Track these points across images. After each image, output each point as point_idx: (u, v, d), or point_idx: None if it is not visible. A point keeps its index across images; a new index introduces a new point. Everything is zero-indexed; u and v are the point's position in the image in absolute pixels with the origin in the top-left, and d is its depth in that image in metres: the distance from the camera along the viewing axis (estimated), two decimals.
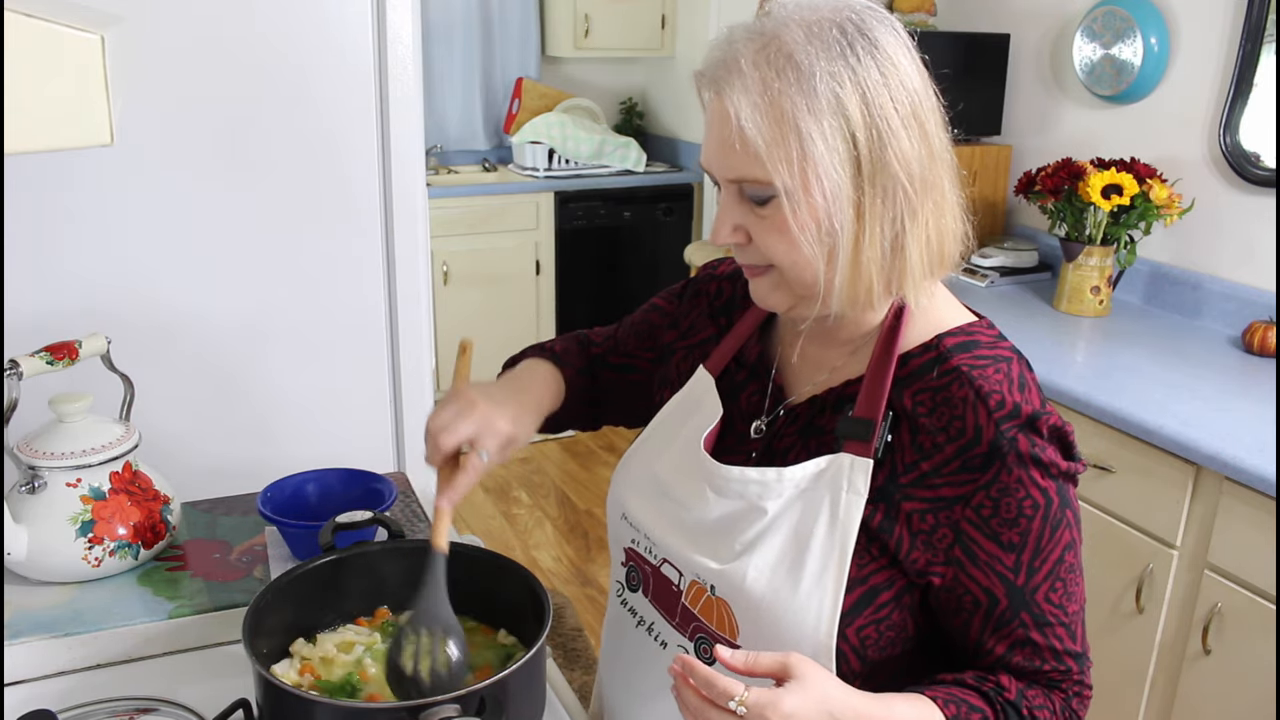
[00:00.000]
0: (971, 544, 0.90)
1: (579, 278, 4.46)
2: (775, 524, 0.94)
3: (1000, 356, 0.93)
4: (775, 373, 1.03)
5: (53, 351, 1.22)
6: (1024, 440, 0.88)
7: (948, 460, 0.89)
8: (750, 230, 0.89)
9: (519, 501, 3.79)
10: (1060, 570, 0.91)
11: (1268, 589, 1.73)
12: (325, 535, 1.08)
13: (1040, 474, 0.88)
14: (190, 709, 1.05)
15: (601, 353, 1.22)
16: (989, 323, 0.98)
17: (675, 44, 4.65)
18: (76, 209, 1.48)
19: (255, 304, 1.61)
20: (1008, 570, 0.90)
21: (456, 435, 0.98)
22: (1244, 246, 2.42)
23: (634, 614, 1.08)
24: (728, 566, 0.95)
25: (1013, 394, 0.89)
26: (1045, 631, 0.91)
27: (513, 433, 1.02)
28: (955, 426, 0.89)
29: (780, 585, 0.92)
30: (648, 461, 1.07)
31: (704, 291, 1.15)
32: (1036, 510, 0.89)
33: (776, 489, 0.94)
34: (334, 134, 1.59)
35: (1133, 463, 1.95)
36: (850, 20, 0.85)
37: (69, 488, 1.20)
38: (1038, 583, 0.90)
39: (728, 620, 0.96)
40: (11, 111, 0.80)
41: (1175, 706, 1.93)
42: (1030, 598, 0.90)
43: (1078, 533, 0.93)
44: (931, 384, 0.91)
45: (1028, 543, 0.89)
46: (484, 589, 1.07)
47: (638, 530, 1.05)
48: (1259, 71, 2.34)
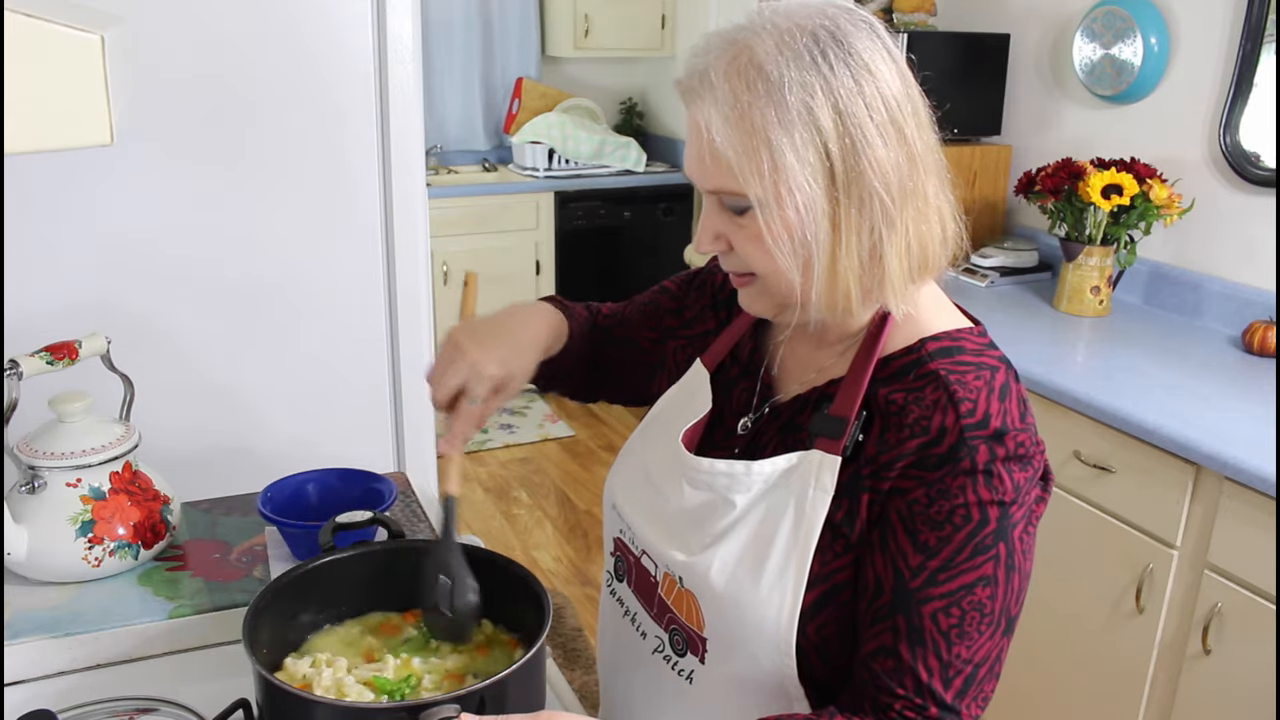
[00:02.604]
0: (889, 531, 0.87)
1: (579, 278, 4.46)
2: (743, 518, 0.94)
3: (985, 364, 0.90)
4: (765, 371, 1.03)
5: (53, 351, 1.22)
6: (984, 451, 0.84)
7: (905, 455, 0.87)
8: (730, 239, 0.90)
9: (519, 501, 3.78)
10: (964, 600, 0.85)
11: (1268, 589, 1.73)
12: (325, 535, 1.08)
13: (987, 491, 0.84)
14: (190, 709, 1.05)
15: (608, 325, 1.23)
16: (981, 330, 0.95)
17: (675, 44, 4.66)
18: (76, 209, 1.48)
19: (255, 304, 1.61)
20: (906, 568, 0.86)
21: (446, 387, 1.02)
22: (1244, 246, 2.42)
23: (621, 604, 1.10)
24: (694, 559, 0.96)
25: (989, 402, 0.86)
26: (916, 652, 0.85)
27: (502, 375, 1.03)
28: (921, 425, 0.86)
29: (743, 579, 0.92)
30: (640, 452, 1.09)
31: (709, 283, 1.16)
32: (966, 524, 0.85)
33: (745, 482, 0.94)
34: (334, 134, 1.59)
35: (1133, 463, 1.95)
36: (824, 28, 0.83)
37: (69, 488, 1.20)
38: (931, 595, 0.85)
39: (695, 613, 0.97)
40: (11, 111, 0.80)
41: (1175, 706, 1.93)
42: (915, 606, 0.85)
43: (1006, 580, 0.86)
44: (908, 385, 0.89)
45: (941, 551, 0.85)
46: (484, 589, 1.07)
47: (624, 520, 1.07)
48: (1259, 71, 2.34)
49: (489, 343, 1.04)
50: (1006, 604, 0.87)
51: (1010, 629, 0.88)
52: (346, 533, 1.10)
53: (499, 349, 1.04)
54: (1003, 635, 0.88)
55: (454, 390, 1.02)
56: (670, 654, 1.02)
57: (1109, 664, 2.05)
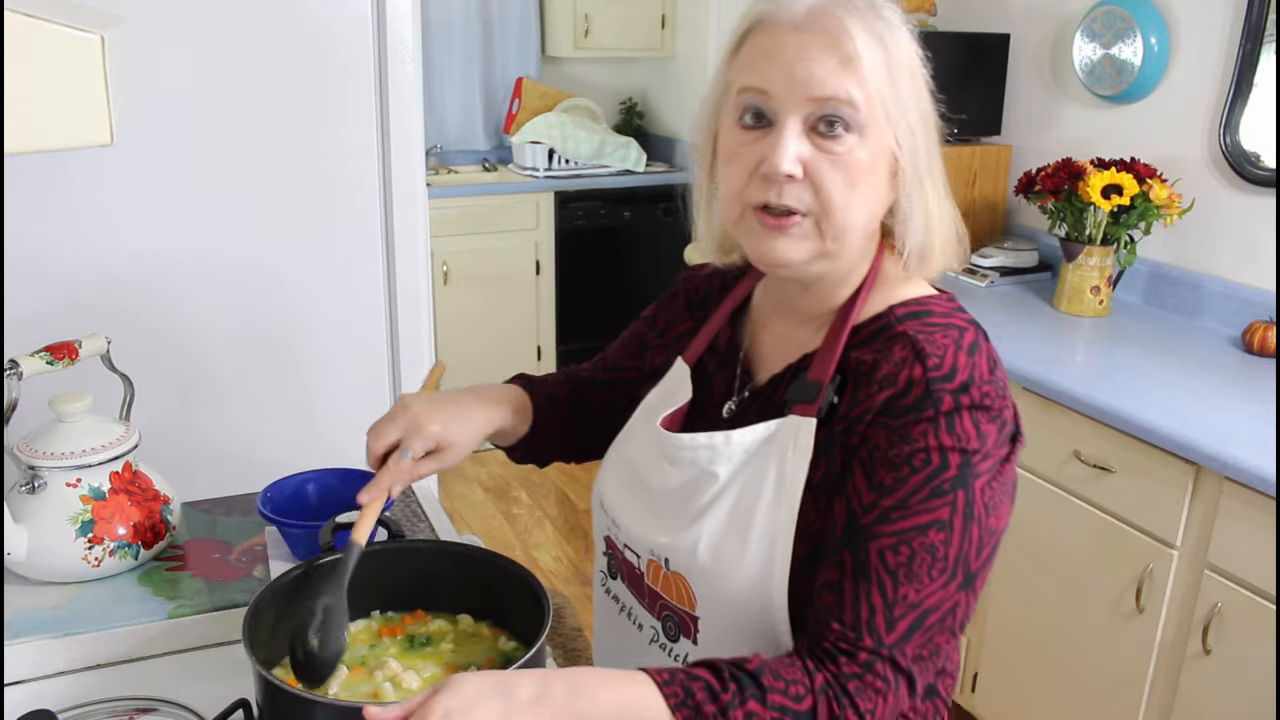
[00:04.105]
0: (849, 476, 0.89)
1: (579, 278, 4.46)
2: (725, 489, 0.95)
3: (953, 325, 0.92)
4: (744, 357, 1.05)
5: (53, 351, 1.22)
6: (949, 400, 0.86)
7: (874, 408, 0.89)
8: (810, 165, 0.88)
9: (519, 501, 3.78)
10: (914, 540, 0.84)
11: (1268, 589, 1.73)
12: (325, 535, 1.08)
13: (949, 438, 0.86)
14: (190, 709, 1.05)
15: (590, 375, 1.23)
16: (949, 296, 0.98)
17: (675, 44, 4.65)
18: (76, 209, 1.48)
19: (255, 303, 1.61)
20: (860, 506, 0.87)
21: (383, 438, 1.01)
22: (1244, 246, 2.42)
23: (616, 600, 1.11)
24: (678, 537, 0.97)
25: (956, 357, 0.88)
26: (860, 587, 0.84)
27: (443, 434, 1.02)
28: (890, 379, 0.89)
29: (729, 550, 0.93)
30: (624, 448, 1.10)
31: (680, 291, 1.18)
32: (925, 467, 0.85)
33: (726, 453, 0.96)
34: (334, 134, 1.59)
35: (1133, 463, 1.95)
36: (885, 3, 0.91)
37: (69, 488, 1.20)
38: (881, 532, 0.85)
39: (685, 593, 0.98)
40: (11, 111, 0.80)
41: (1175, 706, 1.93)
42: (864, 542, 0.85)
43: (964, 529, 0.85)
44: (877, 347, 0.92)
45: (897, 491, 0.85)
46: (484, 589, 1.07)
47: (609, 517, 1.08)
48: (1259, 71, 2.34)
49: (437, 405, 1.04)
50: (964, 554, 0.86)
51: (970, 584, 0.87)
52: (346, 533, 1.10)
53: (447, 410, 1.04)
54: (960, 588, 0.86)
55: (391, 442, 1.01)
56: (665, 641, 1.04)
57: (1109, 664, 2.05)
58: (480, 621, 1.09)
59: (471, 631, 1.08)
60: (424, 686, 0.98)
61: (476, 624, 1.09)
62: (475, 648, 1.05)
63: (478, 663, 1.03)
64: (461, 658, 1.04)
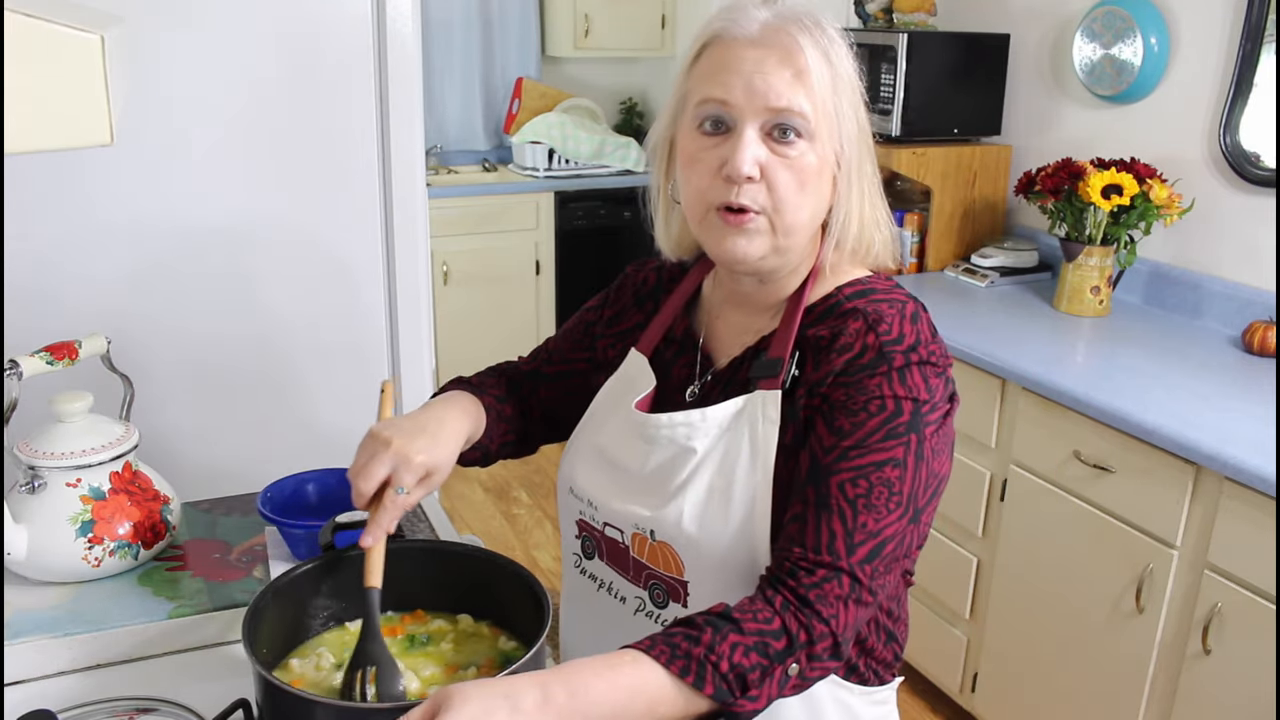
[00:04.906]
0: (812, 429, 0.97)
1: (579, 278, 4.46)
2: (704, 462, 1.02)
3: (895, 299, 1.01)
4: (702, 344, 1.11)
5: (53, 351, 1.22)
6: (900, 358, 0.96)
7: (834, 371, 0.97)
8: (766, 167, 0.96)
9: (519, 501, 3.79)
10: (872, 475, 0.92)
11: (1268, 589, 1.73)
12: (325, 535, 1.08)
13: (902, 389, 0.95)
14: (190, 709, 1.05)
15: (533, 368, 1.24)
16: (885, 276, 1.08)
17: (675, 44, 4.65)
18: (77, 209, 1.48)
19: (255, 303, 1.61)
20: (821, 449, 0.95)
21: (373, 478, 0.99)
22: (1244, 246, 2.42)
23: (594, 579, 1.15)
24: (662, 511, 1.03)
25: (903, 325, 0.98)
26: (822, 516, 0.92)
27: (428, 464, 1.02)
28: (846, 346, 0.98)
29: (714, 516, 1.00)
30: (590, 436, 1.14)
31: (628, 284, 1.23)
32: (881, 412, 0.94)
33: (702, 428, 1.03)
34: (334, 134, 1.59)
35: (1133, 463, 1.95)
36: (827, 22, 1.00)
37: (69, 488, 1.20)
38: (841, 469, 0.93)
39: (673, 561, 1.04)
40: (11, 111, 0.80)
41: (1175, 706, 1.93)
42: (825, 478, 0.93)
43: (915, 468, 0.94)
44: (831, 322, 1.01)
45: (855, 433, 0.94)
46: (484, 589, 1.07)
47: (583, 500, 1.12)
48: (1259, 71, 2.34)
49: (411, 433, 1.03)
50: (915, 491, 0.94)
51: (917, 519, 0.95)
52: (346, 533, 1.10)
53: (423, 439, 1.03)
54: (909, 523, 0.94)
55: (380, 480, 1.00)
56: (652, 609, 1.08)
57: (1109, 664, 2.05)
58: (480, 621, 1.09)
59: (471, 631, 1.08)
60: (424, 686, 0.98)
61: (476, 624, 1.09)
62: (475, 648, 1.05)
63: (478, 663, 1.03)
64: (461, 658, 1.04)
